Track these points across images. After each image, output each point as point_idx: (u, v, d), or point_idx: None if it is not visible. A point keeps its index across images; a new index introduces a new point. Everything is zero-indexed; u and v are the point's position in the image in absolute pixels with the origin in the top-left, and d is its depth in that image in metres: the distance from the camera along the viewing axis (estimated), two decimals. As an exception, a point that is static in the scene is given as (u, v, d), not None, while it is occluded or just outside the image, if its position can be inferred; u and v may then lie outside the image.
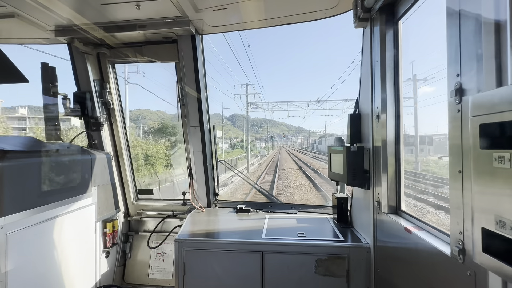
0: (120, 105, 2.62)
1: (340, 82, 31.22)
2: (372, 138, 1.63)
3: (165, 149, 19.36)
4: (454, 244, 0.91)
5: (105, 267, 2.37)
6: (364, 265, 1.68)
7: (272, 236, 1.83)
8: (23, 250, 1.56)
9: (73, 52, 2.29)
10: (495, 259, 0.64)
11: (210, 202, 2.61)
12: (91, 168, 2.15)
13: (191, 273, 1.81)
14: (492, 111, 0.63)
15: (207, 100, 2.45)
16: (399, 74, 1.49)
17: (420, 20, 17.09)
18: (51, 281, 1.77)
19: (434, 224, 1.21)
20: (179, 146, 19.51)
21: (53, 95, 2.10)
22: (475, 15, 0.82)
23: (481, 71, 0.79)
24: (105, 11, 1.88)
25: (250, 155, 34.41)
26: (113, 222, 2.40)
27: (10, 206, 1.48)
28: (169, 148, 20.21)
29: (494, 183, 0.63)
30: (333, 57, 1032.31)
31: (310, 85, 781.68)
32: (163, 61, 2.37)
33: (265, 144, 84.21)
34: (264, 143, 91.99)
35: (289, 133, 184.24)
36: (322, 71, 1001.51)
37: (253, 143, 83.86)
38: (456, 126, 0.89)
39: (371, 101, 1.63)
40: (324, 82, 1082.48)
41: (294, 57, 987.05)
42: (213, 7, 1.84)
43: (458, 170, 0.88)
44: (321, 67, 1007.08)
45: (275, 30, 72.09)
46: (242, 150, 61.72)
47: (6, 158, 1.47)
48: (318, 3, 1.82)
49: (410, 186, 10.55)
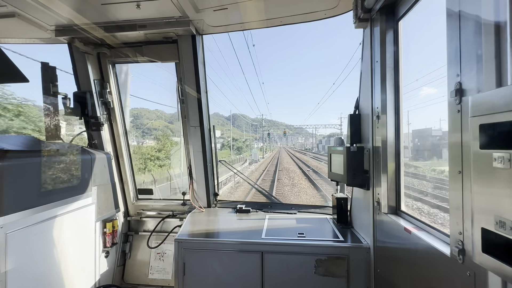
0: (120, 104, 2.62)
1: (340, 80, 30.87)
2: (372, 138, 1.63)
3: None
4: (453, 245, 0.91)
5: (104, 267, 2.37)
6: (364, 265, 1.68)
7: (272, 236, 1.82)
8: (23, 250, 1.56)
9: (74, 52, 2.29)
10: (495, 259, 0.64)
11: (210, 202, 2.61)
12: (91, 168, 2.15)
13: (190, 273, 1.81)
14: (492, 111, 0.63)
15: (207, 100, 2.46)
16: (399, 74, 1.49)
17: (420, 20, 17.07)
18: (51, 280, 1.77)
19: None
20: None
21: (53, 94, 2.10)
22: (475, 15, 0.82)
23: (481, 72, 0.79)
24: (106, 11, 1.88)
25: (238, 160, 29.83)
26: (113, 222, 2.40)
27: (10, 205, 1.48)
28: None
29: (494, 183, 0.63)
30: (333, 56, 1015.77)
31: (310, 86, 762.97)
32: (163, 61, 2.37)
33: (262, 144, 74.34)
34: (261, 142, 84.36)
35: (290, 133, 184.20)
36: (322, 70, 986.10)
37: (246, 143, 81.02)
38: (456, 127, 0.89)
39: (371, 101, 1.63)
40: (325, 81, 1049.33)
41: (294, 56, 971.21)
42: (213, 7, 1.84)
43: (458, 171, 0.88)
44: (321, 66, 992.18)
45: (276, 30, 71.13)
46: (236, 150, 58.68)
47: (6, 158, 1.47)
48: (318, 3, 1.82)
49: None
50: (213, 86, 70.80)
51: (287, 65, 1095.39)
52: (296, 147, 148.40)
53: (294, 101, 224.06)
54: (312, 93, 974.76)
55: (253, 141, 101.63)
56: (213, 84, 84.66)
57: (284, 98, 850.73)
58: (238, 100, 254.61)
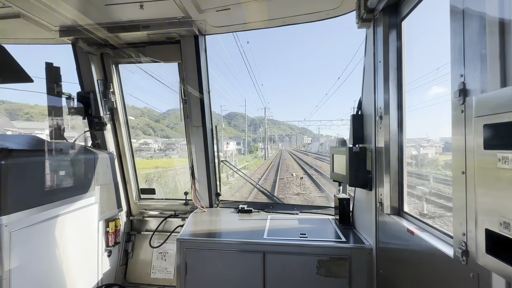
0: (123, 105, 2.63)
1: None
2: (375, 139, 1.62)
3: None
4: (457, 246, 0.91)
5: (107, 266, 2.38)
6: (366, 266, 1.67)
7: (274, 237, 1.82)
8: (27, 248, 1.58)
9: (77, 52, 2.31)
10: (499, 261, 0.64)
11: (212, 202, 2.62)
12: (94, 168, 2.16)
13: (192, 272, 1.81)
14: (496, 111, 0.63)
15: (210, 100, 2.46)
16: (402, 74, 1.49)
17: (423, 20, 16.93)
18: (54, 279, 1.79)
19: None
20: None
21: (57, 94, 2.12)
22: (479, 15, 0.82)
23: (485, 72, 0.79)
24: (109, 11, 1.89)
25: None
26: (115, 221, 2.42)
27: (15, 204, 1.49)
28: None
29: (498, 183, 0.63)
30: (334, 57, 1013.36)
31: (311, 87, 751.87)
32: (166, 62, 2.38)
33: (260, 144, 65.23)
34: (260, 143, 75.69)
35: (292, 133, 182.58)
36: (323, 69, 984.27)
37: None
38: (459, 127, 0.89)
39: (374, 102, 1.62)
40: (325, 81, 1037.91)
41: (295, 56, 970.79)
42: (216, 7, 1.85)
43: (462, 171, 0.88)
44: (321, 66, 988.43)
45: (277, 29, 70.32)
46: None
47: (11, 157, 1.49)
48: (321, 3, 1.82)
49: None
50: (212, 83, 68.37)
51: (289, 64, 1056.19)
52: (300, 149, 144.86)
53: (297, 99, 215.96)
54: (313, 92, 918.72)
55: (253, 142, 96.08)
56: (213, 80, 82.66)
57: (287, 97, 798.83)
58: (237, 99, 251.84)
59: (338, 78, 31.64)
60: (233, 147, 36.89)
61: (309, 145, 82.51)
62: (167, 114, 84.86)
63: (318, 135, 53.18)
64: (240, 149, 59.71)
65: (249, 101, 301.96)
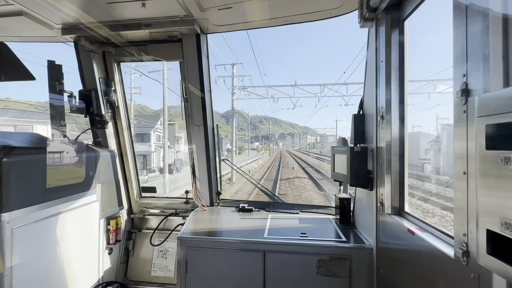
0: (124, 103, 2.64)
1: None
2: (376, 138, 1.62)
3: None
4: (458, 246, 0.91)
5: (108, 264, 2.40)
6: (366, 266, 1.67)
7: (274, 236, 1.83)
8: (29, 245, 1.59)
9: (79, 50, 2.31)
10: (500, 261, 0.63)
11: (213, 201, 2.62)
12: (96, 166, 2.17)
13: (193, 271, 1.82)
14: (498, 111, 0.62)
15: (211, 99, 2.46)
16: (404, 74, 1.48)
17: (426, 20, 16.87)
18: (55, 276, 1.80)
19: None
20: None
21: (59, 92, 2.12)
22: (482, 15, 0.81)
23: (488, 72, 0.79)
24: (111, 10, 1.89)
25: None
26: (116, 219, 2.42)
27: (16, 201, 1.50)
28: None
29: (500, 184, 0.62)
30: (335, 56, 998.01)
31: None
32: (167, 60, 2.38)
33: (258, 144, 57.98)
34: (258, 142, 69.71)
35: (294, 132, 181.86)
36: (323, 70, 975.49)
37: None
38: (461, 127, 0.88)
39: (376, 101, 1.62)
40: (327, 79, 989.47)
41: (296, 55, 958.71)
42: (218, 6, 1.84)
43: (463, 171, 0.87)
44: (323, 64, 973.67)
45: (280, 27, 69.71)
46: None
47: (13, 154, 1.49)
48: (323, 2, 1.81)
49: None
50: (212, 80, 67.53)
51: (291, 64, 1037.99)
52: (301, 149, 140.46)
53: (299, 99, 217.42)
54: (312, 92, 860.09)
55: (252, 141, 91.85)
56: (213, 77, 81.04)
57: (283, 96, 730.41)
58: (237, 97, 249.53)
59: (344, 72, 30.40)
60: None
61: (317, 145, 78.74)
62: (161, 112, 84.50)
63: (336, 131, 48.03)
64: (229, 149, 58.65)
65: (250, 99, 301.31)
